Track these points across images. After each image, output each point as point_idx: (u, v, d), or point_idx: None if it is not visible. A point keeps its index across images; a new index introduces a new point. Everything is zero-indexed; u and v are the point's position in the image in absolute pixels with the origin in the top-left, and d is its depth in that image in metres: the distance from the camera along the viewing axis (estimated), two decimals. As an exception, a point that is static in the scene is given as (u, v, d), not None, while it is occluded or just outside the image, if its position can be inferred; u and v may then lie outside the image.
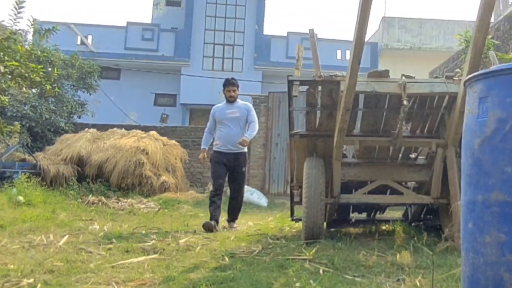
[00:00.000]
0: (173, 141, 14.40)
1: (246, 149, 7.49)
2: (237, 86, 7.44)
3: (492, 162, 2.53)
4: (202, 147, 7.55)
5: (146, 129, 15.23)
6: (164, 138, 14.12)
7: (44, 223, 6.98)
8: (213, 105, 7.84)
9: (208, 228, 6.77)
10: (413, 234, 6.27)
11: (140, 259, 4.62)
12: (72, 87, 16.23)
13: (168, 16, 25.97)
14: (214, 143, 7.47)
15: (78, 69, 16.10)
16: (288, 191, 11.30)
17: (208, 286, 3.42)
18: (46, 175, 11.97)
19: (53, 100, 14.92)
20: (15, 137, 10.06)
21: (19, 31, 12.20)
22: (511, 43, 13.11)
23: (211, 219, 6.99)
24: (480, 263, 2.54)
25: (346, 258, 4.64)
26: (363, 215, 7.97)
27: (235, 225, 7.31)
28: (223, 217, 7.59)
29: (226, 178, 7.47)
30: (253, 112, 7.49)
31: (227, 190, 7.86)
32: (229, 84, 7.40)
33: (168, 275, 3.87)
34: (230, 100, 7.44)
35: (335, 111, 5.78)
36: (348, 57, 7.35)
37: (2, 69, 8.36)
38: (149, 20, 26.61)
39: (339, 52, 24.83)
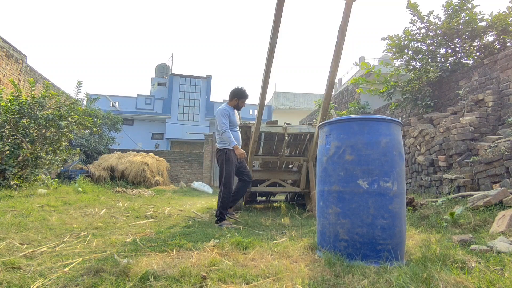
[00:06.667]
0: (162, 158, 14.00)
1: None
2: None
3: (332, 169, 2.59)
4: (235, 144, 4.45)
5: (147, 152, 14.77)
6: (157, 156, 13.71)
7: (92, 202, 6.69)
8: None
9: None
10: (290, 208, 6.32)
11: (144, 221, 4.50)
12: (107, 129, 15.68)
13: (159, 91, 25.33)
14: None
15: (110, 120, 15.58)
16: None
17: (180, 236, 3.33)
18: (93, 176, 11.49)
19: (97, 136, 14.40)
20: (76, 156, 9.72)
21: (79, 99, 11.91)
22: (343, 106, 13.70)
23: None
24: (326, 224, 2.59)
25: (254, 221, 4.63)
26: (264, 198, 8.01)
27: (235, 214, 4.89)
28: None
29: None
30: None
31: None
32: (246, 97, 4.73)
33: (159, 230, 3.80)
34: (239, 109, 4.82)
35: (248, 142, 5.73)
36: (256, 113, 7.55)
37: (70, 119, 8.08)
38: (148, 93, 25.90)
39: (251, 110, 24.99)
